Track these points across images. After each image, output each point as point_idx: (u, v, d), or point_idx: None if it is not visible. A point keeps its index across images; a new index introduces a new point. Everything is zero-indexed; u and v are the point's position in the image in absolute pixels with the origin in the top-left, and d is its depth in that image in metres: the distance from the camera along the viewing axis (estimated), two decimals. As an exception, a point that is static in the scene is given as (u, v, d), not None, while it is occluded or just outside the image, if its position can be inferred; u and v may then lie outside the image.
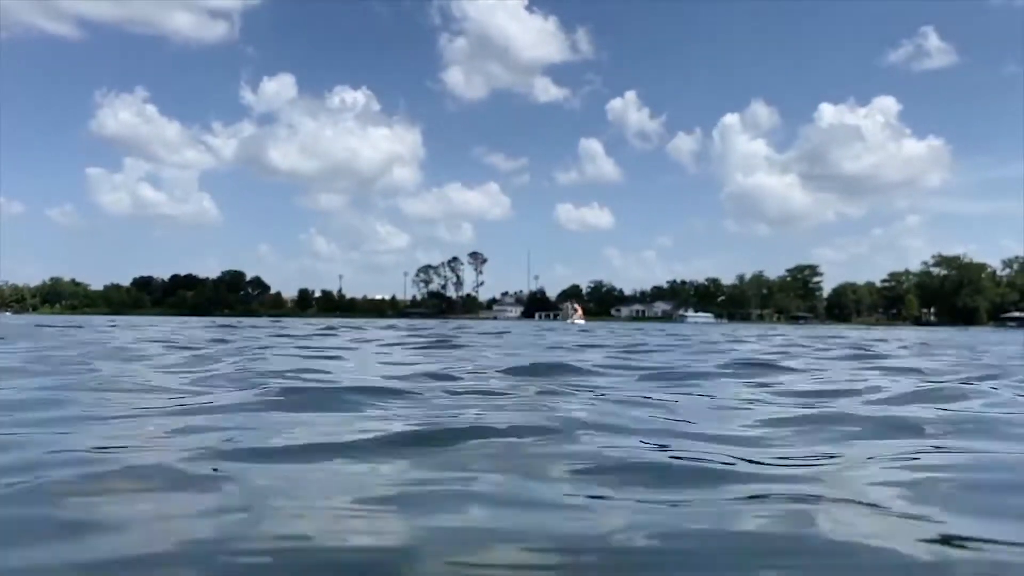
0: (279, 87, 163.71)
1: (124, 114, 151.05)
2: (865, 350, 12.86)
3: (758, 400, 4.89)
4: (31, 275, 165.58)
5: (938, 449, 3.02)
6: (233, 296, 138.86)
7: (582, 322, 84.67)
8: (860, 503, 2.11)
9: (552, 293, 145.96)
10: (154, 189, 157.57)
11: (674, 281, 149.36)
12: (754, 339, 20.27)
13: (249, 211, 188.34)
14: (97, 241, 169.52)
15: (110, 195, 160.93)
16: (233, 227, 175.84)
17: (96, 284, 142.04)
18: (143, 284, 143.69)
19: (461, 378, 6.14)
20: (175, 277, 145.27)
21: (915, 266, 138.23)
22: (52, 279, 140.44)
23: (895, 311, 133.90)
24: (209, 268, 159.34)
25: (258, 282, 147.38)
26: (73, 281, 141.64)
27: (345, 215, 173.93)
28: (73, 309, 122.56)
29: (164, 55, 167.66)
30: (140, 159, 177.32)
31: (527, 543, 1.74)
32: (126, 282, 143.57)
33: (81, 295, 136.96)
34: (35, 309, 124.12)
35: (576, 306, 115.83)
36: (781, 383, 6.15)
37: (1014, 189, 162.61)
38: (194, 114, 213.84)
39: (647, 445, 2.95)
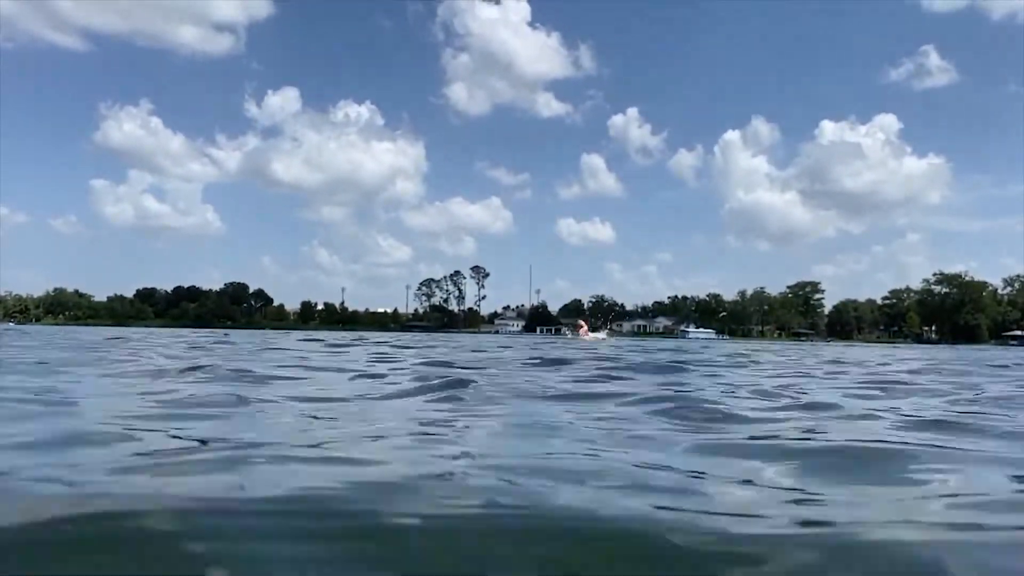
0: (283, 101, 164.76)
1: (129, 126, 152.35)
2: None
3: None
4: (35, 286, 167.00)
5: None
6: (236, 308, 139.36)
7: (589, 338, 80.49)
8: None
9: (554, 307, 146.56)
10: (158, 201, 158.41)
11: (675, 296, 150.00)
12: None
13: (252, 223, 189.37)
14: (101, 252, 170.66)
15: (114, 206, 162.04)
16: (236, 239, 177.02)
17: (99, 295, 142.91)
18: (146, 295, 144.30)
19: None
20: (178, 289, 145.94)
21: (916, 283, 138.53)
22: (56, 290, 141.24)
23: (896, 328, 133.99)
24: (212, 280, 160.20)
25: (261, 294, 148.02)
26: (76, 292, 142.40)
27: (348, 228, 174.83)
28: (76, 320, 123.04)
29: (169, 68, 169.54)
30: (144, 171, 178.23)
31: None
32: (129, 293, 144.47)
33: (84, 306, 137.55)
34: (38, 320, 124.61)
35: (580, 322, 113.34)
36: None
37: (1014, 208, 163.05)
38: (199, 127, 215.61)
39: None
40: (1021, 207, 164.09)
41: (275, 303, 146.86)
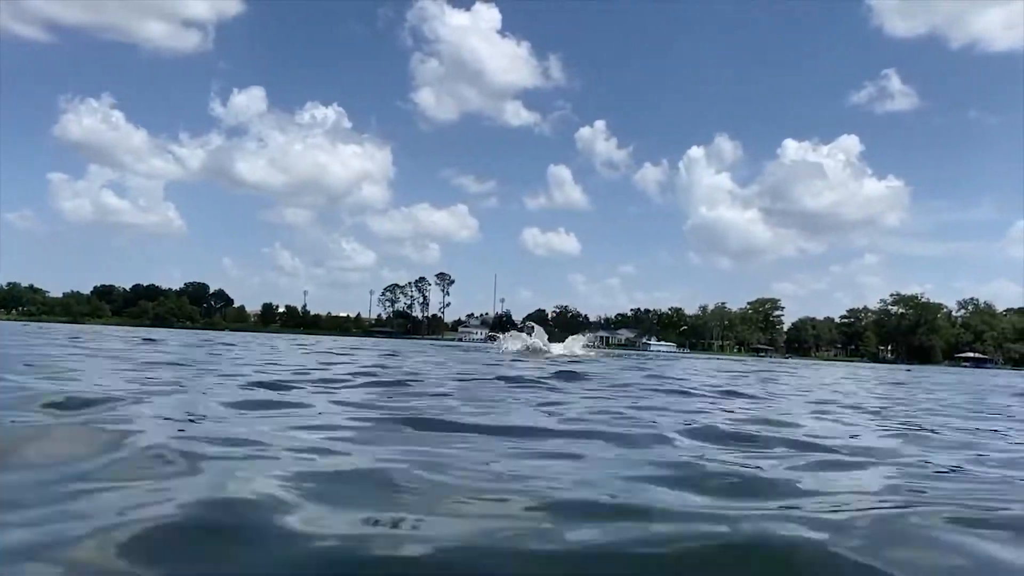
0: (249, 100, 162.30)
1: (89, 120, 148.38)
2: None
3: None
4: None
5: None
6: (195, 308, 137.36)
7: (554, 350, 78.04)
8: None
9: (517, 316, 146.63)
10: (118, 197, 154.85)
11: (638, 309, 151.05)
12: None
13: (214, 223, 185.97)
14: (57, 248, 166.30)
15: (72, 201, 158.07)
16: (197, 238, 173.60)
17: (55, 291, 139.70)
18: (104, 293, 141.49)
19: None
20: (137, 287, 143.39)
21: (873, 303, 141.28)
22: (9, 284, 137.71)
23: (853, 347, 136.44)
24: (172, 279, 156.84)
25: (221, 295, 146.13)
26: (31, 287, 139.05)
27: (311, 231, 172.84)
28: (30, 316, 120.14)
29: (134, 62, 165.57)
30: (105, 166, 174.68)
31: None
32: (86, 290, 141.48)
33: (39, 302, 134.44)
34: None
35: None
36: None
37: (970, 232, 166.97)
38: (162, 123, 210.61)
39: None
40: (977, 232, 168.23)
41: (236, 304, 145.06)
